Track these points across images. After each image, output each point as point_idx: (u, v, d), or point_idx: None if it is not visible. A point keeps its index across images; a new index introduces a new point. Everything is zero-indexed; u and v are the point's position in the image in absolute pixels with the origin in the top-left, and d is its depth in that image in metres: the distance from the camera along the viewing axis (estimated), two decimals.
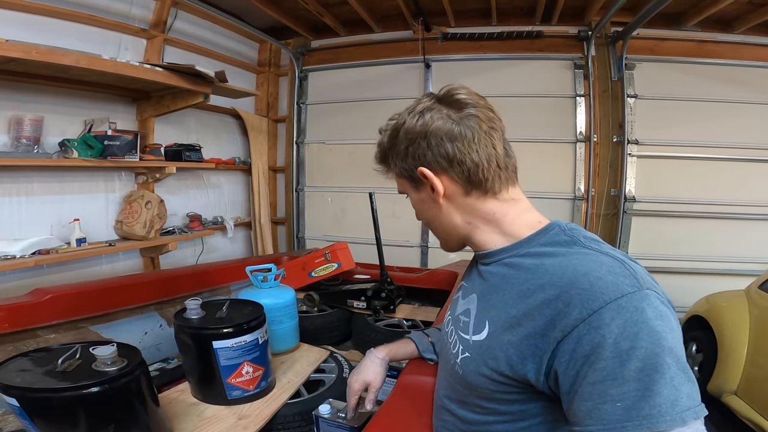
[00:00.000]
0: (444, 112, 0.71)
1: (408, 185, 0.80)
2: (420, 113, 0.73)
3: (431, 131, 0.71)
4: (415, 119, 0.73)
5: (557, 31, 3.55)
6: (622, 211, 3.43)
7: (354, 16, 3.62)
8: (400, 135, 0.75)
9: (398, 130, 0.76)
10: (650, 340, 0.50)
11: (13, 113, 2.14)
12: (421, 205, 0.80)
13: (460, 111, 0.71)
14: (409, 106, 0.77)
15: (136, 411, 0.91)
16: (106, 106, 2.67)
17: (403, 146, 0.75)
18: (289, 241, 4.37)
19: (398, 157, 0.77)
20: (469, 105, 0.71)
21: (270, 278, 1.59)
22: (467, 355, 0.71)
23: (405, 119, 0.75)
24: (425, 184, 0.75)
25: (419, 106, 0.74)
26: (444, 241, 0.84)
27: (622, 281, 0.55)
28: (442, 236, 0.83)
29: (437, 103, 0.73)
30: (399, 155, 0.76)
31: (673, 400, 0.48)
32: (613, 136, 3.47)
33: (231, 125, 3.95)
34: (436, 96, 0.75)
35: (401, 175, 0.79)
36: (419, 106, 0.74)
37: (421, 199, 0.79)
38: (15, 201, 2.23)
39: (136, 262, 2.92)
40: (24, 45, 1.84)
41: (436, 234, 0.84)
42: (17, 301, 1.38)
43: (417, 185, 0.77)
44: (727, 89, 3.30)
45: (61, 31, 2.38)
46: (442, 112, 0.71)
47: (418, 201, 0.80)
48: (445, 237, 0.82)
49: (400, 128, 0.75)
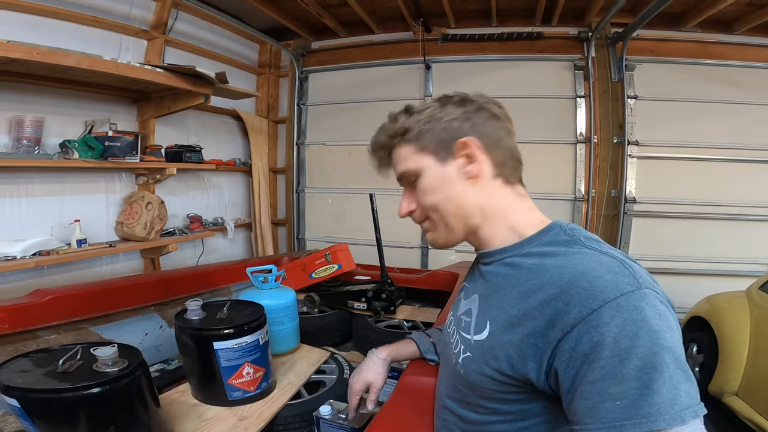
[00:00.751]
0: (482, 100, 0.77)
1: (431, 160, 0.75)
2: (458, 96, 0.77)
3: (480, 106, 0.76)
4: (454, 98, 0.77)
5: (557, 32, 3.55)
6: (622, 212, 3.43)
7: (354, 18, 3.63)
8: (446, 107, 0.75)
9: (445, 103, 0.76)
10: (649, 339, 0.50)
11: (13, 114, 2.15)
12: (440, 182, 0.75)
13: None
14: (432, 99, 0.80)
15: (136, 412, 0.91)
16: (107, 107, 2.68)
17: (448, 118, 0.74)
18: (289, 242, 4.37)
19: (431, 129, 0.75)
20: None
21: (270, 279, 1.59)
22: (468, 354, 0.71)
23: (444, 100, 0.77)
24: (455, 158, 0.74)
25: (449, 95, 0.78)
26: (448, 230, 0.77)
27: (621, 280, 0.55)
28: (451, 222, 0.76)
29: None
30: (433, 128, 0.75)
31: (672, 398, 0.48)
32: (613, 137, 3.48)
33: (231, 126, 3.96)
34: (455, 94, 0.79)
35: (425, 148, 0.75)
36: (449, 95, 0.78)
37: (444, 175, 0.75)
38: (16, 202, 2.23)
39: (136, 263, 2.93)
40: (25, 46, 1.84)
41: (445, 220, 0.76)
42: (18, 302, 1.38)
43: (445, 158, 0.74)
44: (728, 90, 3.31)
45: (62, 32, 2.39)
46: (478, 99, 0.77)
47: (438, 178, 0.75)
48: (452, 224, 0.76)
49: (448, 102, 0.76)
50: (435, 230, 0.79)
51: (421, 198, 0.78)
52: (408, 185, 0.81)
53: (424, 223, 0.81)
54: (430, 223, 0.79)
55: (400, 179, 0.82)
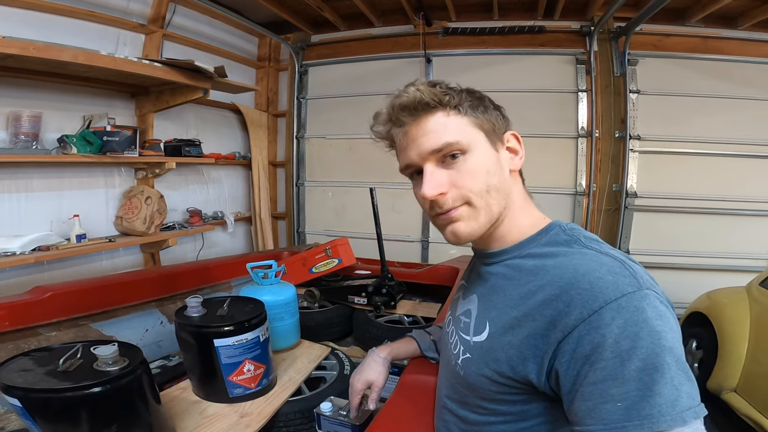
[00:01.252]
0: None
1: (483, 138, 0.70)
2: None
3: (501, 107, 0.77)
4: (477, 93, 0.75)
5: (559, 26, 3.52)
6: (623, 206, 3.43)
7: (354, 11, 3.60)
8: (486, 96, 0.75)
9: (479, 97, 0.74)
10: (651, 339, 0.50)
11: (11, 109, 2.14)
12: (495, 164, 0.70)
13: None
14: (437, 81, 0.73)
15: (138, 410, 0.91)
16: (105, 101, 2.66)
17: (492, 107, 0.74)
18: (289, 236, 4.37)
19: (485, 110, 0.72)
20: None
21: (270, 275, 1.58)
22: (468, 356, 0.71)
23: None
24: (503, 148, 0.74)
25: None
26: (488, 217, 0.70)
27: (622, 281, 0.55)
28: (494, 210, 0.70)
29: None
30: (487, 109, 0.72)
31: (673, 399, 0.48)
32: (615, 132, 3.46)
33: (231, 120, 3.94)
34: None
35: (481, 126, 0.70)
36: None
37: (497, 159, 0.71)
38: (14, 197, 2.23)
39: (136, 257, 2.93)
40: (21, 41, 1.82)
41: (489, 207, 0.69)
42: (18, 299, 1.38)
43: (494, 143, 0.72)
44: (730, 85, 3.28)
45: (59, 27, 2.37)
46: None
47: (494, 159, 0.70)
48: (495, 212, 0.70)
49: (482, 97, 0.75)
50: (472, 219, 0.70)
51: (466, 179, 0.68)
52: (440, 162, 0.69)
53: (459, 209, 0.69)
54: (469, 209, 0.69)
55: (435, 152, 0.68)
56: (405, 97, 0.69)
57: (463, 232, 0.70)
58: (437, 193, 0.68)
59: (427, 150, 0.68)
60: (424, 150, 0.69)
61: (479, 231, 0.70)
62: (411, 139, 0.70)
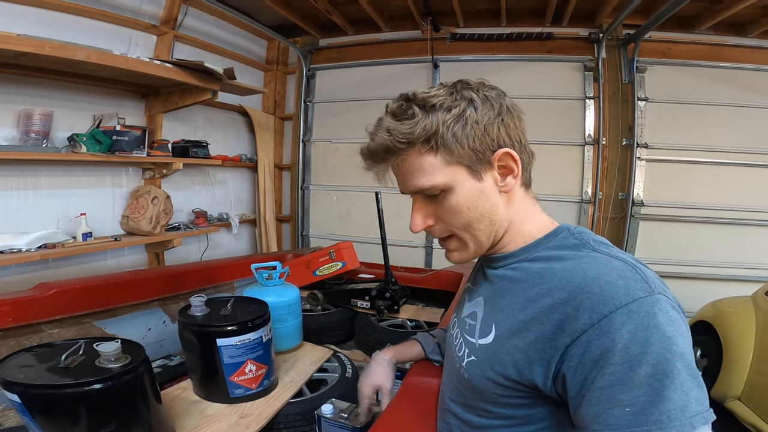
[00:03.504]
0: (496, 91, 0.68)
1: (464, 173, 0.65)
2: (476, 89, 0.66)
3: (506, 108, 0.66)
4: (479, 94, 0.65)
5: (568, 33, 3.52)
6: (629, 215, 3.40)
7: (363, 15, 3.61)
8: (475, 104, 0.64)
9: (473, 101, 0.64)
10: (661, 345, 0.49)
11: (23, 107, 2.16)
12: (474, 199, 0.67)
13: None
14: (435, 88, 0.66)
15: (138, 408, 0.91)
16: (116, 101, 2.69)
17: (484, 122, 0.64)
18: (293, 239, 4.37)
19: (465, 134, 0.63)
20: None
21: (275, 276, 1.58)
22: (473, 358, 0.70)
23: (470, 96, 0.64)
24: (492, 171, 0.66)
25: (461, 86, 0.66)
26: (477, 247, 0.71)
27: (633, 286, 0.54)
28: (482, 240, 0.70)
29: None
30: (467, 133, 0.63)
31: (682, 405, 0.48)
32: (622, 139, 3.44)
33: (238, 122, 3.97)
34: (459, 82, 0.68)
35: (457, 160, 0.64)
36: (461, 86, 0.66)
37: (478, 191, 0.66)
38: (23, 194, 2.24)
39: (141, 257, 2.94)
40: (36, 39, 1.84)
41: (476, 238, 0.69)
42: (21, 295, 1.38)
43: (480, 172, 0.66)
44: (740, 93, 3.26)
45: (72, 26, 2.39)
46: (496, 91, 0.68)
47: (472, 194, 0.66)
48: (483, 241, 0.70)
49: (475, 100, 0.64)
50: (463, 249, 0.72)
51: (448, 216, 0.68)
52: (424, 197, 0.70)
53: (449, 242, 0.72)
54: (457, 242, 0.71)
55: (415, 193, 0.69)
56: (372, 144, 0.69)
57: (459, 260, 0.74)
58: (420, 228, 0.72)
59: (410, 189, 0.70)
60: (407, 189, 0.71)
61: (473, 257, 0.73)
62: (396, 174, 0.71)
